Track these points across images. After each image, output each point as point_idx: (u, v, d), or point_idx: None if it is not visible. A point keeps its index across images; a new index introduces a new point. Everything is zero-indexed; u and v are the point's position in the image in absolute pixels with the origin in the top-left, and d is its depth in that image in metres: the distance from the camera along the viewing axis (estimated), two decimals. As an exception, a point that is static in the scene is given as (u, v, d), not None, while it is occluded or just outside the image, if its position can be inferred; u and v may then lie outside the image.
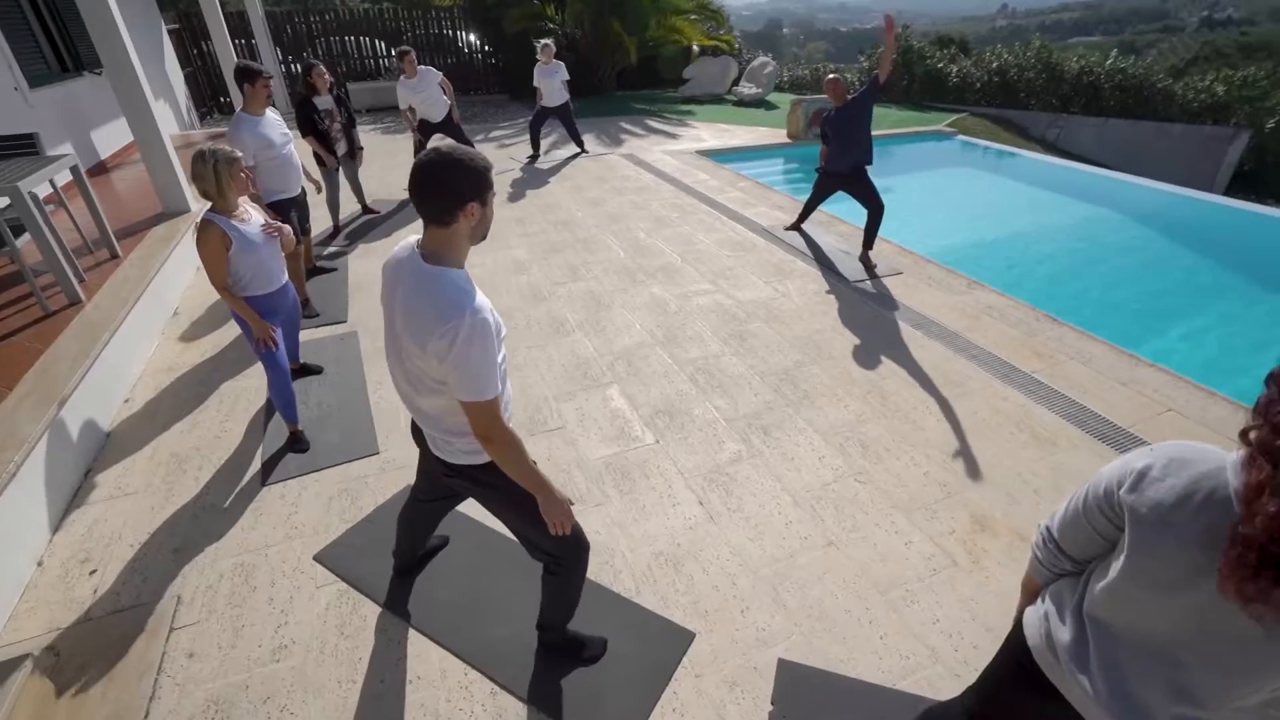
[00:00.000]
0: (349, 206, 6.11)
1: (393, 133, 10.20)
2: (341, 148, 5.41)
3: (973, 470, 2.84)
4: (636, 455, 2.93)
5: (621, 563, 2.37)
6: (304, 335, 3.70)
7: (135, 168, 6.85)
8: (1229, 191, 10.63)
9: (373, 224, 5.99)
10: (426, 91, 6.41)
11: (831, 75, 4.92)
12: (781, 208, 6.39)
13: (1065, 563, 1.23)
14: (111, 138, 7.52)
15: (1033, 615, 1.29)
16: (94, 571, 2.36)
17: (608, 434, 3.07)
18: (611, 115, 11.54)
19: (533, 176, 7.62)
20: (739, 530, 2.52)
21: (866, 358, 3.72)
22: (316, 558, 2.40)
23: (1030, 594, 1.38)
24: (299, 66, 12.60)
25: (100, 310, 3.58)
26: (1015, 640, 1.34)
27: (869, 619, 2.17)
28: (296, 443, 2.98)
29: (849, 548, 2.45)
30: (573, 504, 1.61)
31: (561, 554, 1.70)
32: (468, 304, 1.33)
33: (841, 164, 4.84)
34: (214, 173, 2.55)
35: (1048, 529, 1.26)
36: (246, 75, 3.73)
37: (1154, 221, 7.03)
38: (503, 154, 8.64)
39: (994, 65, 12.87)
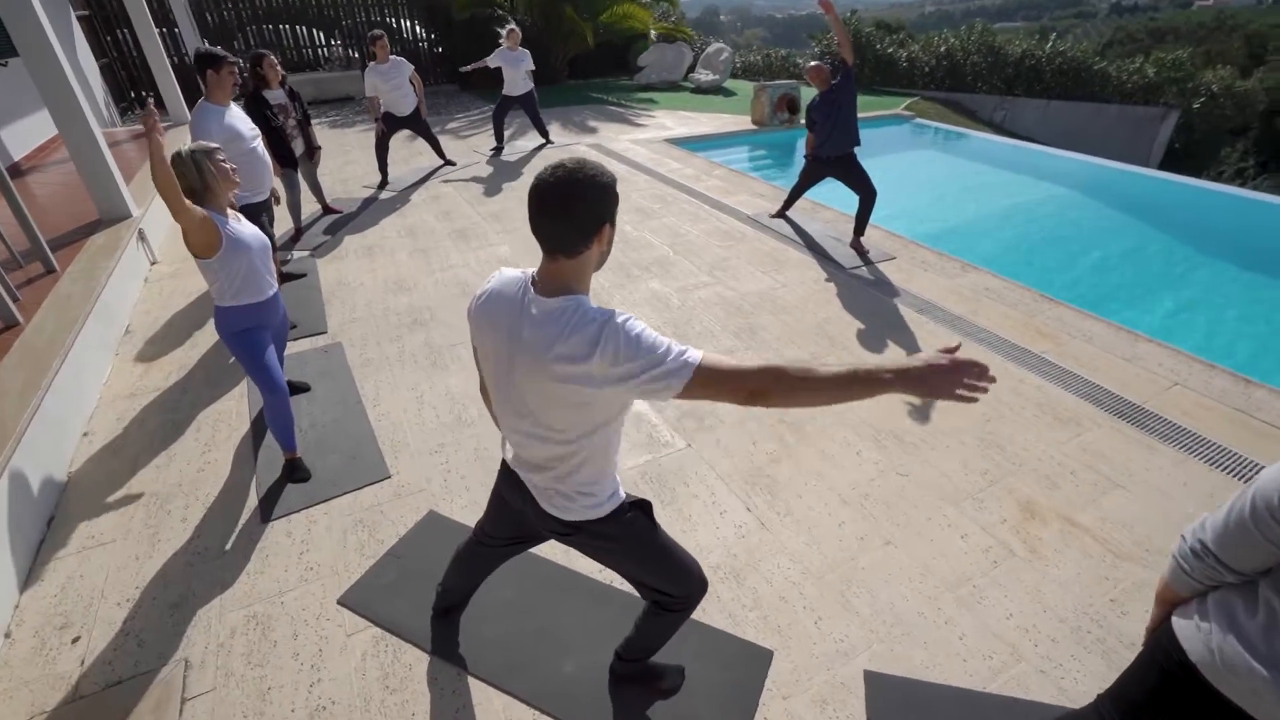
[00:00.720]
0: (309, 207, 5.68)
1: (340, 127, 9.61)
2: (299, 147, 5.00)
3: (1008, 456, 2.82)
4: (671, 462, 2.78)
5: (678, 580, 2.23)
6: (284, 350, 3.38)
7: (56, 170, 6.18)
8: (1162, 168, 11.25)
9: (338, 224, 5.59)
10: (397, 80, 6.06)
11: (814, 63, 4.84)
12: (763, 195, 6.32)
13: (1228, 576, 1.16)
14: (22, 137, 6.77)
15: (1192, 629, 1.21)
16: (77, 639, 2.05)
17: (636, 441, 2.91)
18: (570, 104, 11.23)
19: (501, 169, 7.29)
20: (794, 535, 2.41)
21: (878, 346, 3.67)
22: (341, 601, 2.15)
23: (1168, 604, 1.31)
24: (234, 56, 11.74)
25: (43, 333, 3.16)
26: (1164, 652, 1.26)
27: (944, 619, 2.10)
28: (295, 471, 2.69)
29: (907, 545, 2.38)
30: (958, 347, 1.14)
31: (683, 594, 1.55)
32: (604, 312, 1.14)
33: (833, 148, 4.79)
34: (195, 166, 2.27)
35: (1202, 544, 1.18)
36: (210, 61, 3.35)
37: (1113, 198, 7.32)
38: (464, 146, 8.26)
39: (942, 50, 13.18)
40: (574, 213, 1.12)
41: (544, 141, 8.32)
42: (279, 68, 4.70)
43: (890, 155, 9.09)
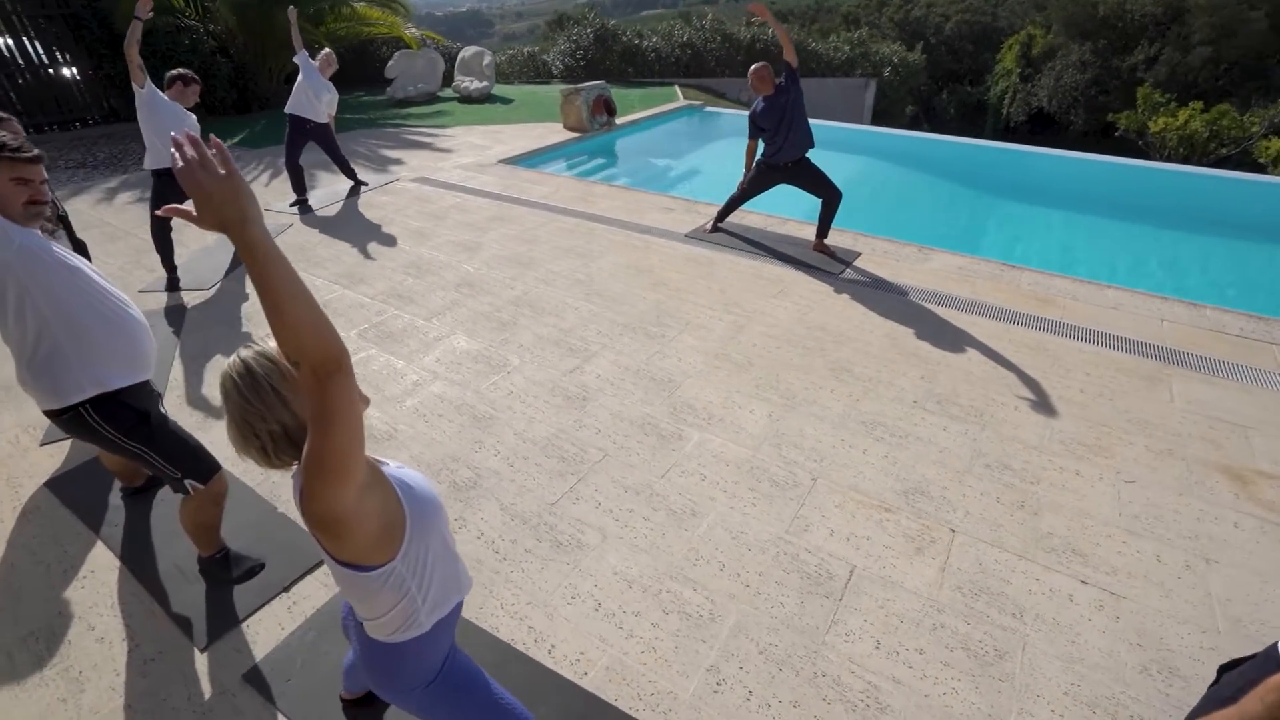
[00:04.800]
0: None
1: None
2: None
3: (1162, 429, 3.00)
4: (966, 559, 2.33)
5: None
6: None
7: None
8: (872, 124, 13.70)
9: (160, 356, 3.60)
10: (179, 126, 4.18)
11: (759, 64, 4.56)
12: (672, 209, 5.91)
13: None
14: None
15: None
16: None
17: (900, 550, 2.38)
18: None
19: (337, 229, 5.56)
20: (1152, 596, 2.20)
21: (956, 351, 3.64)
22: None
23: None
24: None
25: None
26: None
27: (1332, 624, 2.11)
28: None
29: (1223, 556, 2.35)
30: None
31: None
32: None
33: (789, 153, 4.60)
34: (272, 392, 1.06)
35: None
36: None
37: (916, 161, 8.59)
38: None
39: (684, 39, 14.00)
40: None
41: (355, 183, 6.61)
42: (21, 134, 2.74)
43: (711, 144, 9.36)
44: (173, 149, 0.86)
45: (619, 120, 9.25)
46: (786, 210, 5.73)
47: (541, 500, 2.63)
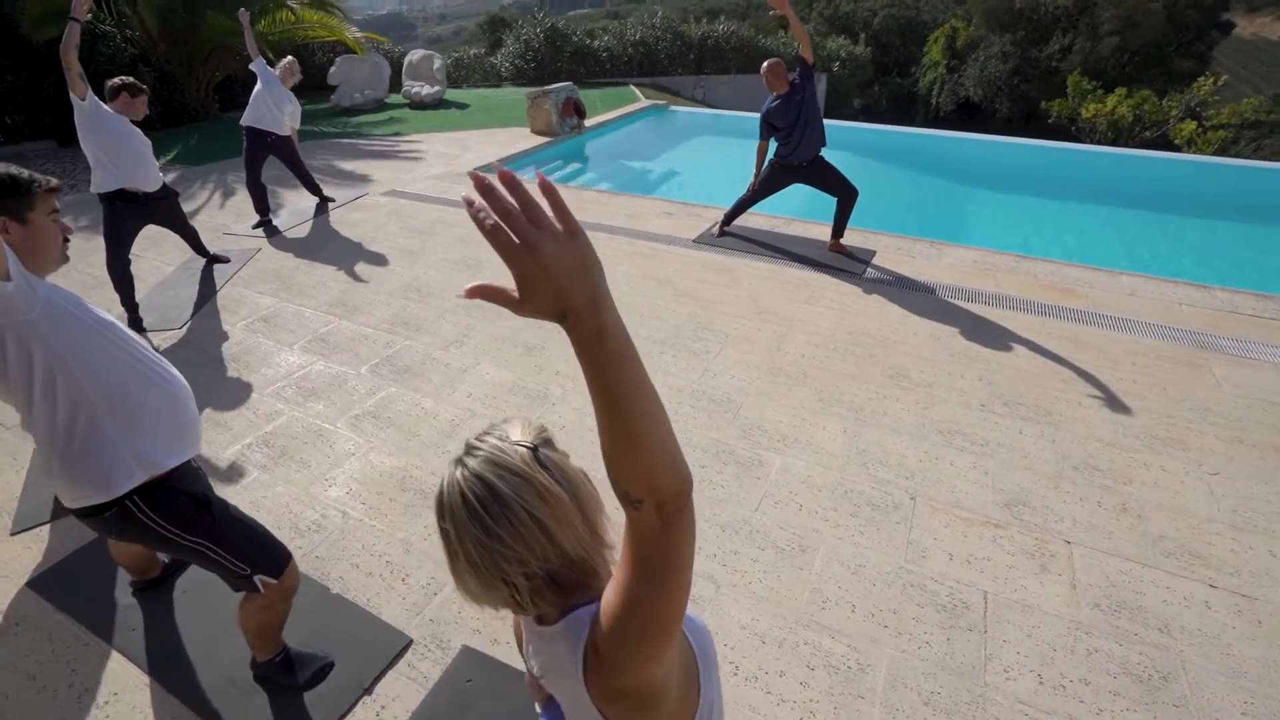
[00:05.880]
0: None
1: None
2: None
3: (1222, 417, 3.01)
4: (1092, 572, 2.24)
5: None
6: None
7: None
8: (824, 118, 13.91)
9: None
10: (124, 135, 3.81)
11: (772, 60, 4.41)
12: (671, 214, 5.70)
13: None
14: None
15: None
16: None
17: (1024, 569, 2.27)
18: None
19: (311, 251, 5.07)
20: (1274, 590, 2.17)
21: (1002, 349, 3.59)
22: None
23: None
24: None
25: None
26: None
27: None
28: None
29: (1331, 547, 2.35)
30: None
31: None
32: None
33: (805, 153, 4.48)
34: (533, 524, 0.76)
35: None
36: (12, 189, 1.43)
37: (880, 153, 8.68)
38: (213, 229, 5.50)
39: (636, 37, 13.79)
40: None
41: (321, 199, 6.09)
42: None
43: (687, 143, 9.21)
44: (474, 195, 0.56)
45: (586, 122, 8.96)
46: (786, 209, 5.63)
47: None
